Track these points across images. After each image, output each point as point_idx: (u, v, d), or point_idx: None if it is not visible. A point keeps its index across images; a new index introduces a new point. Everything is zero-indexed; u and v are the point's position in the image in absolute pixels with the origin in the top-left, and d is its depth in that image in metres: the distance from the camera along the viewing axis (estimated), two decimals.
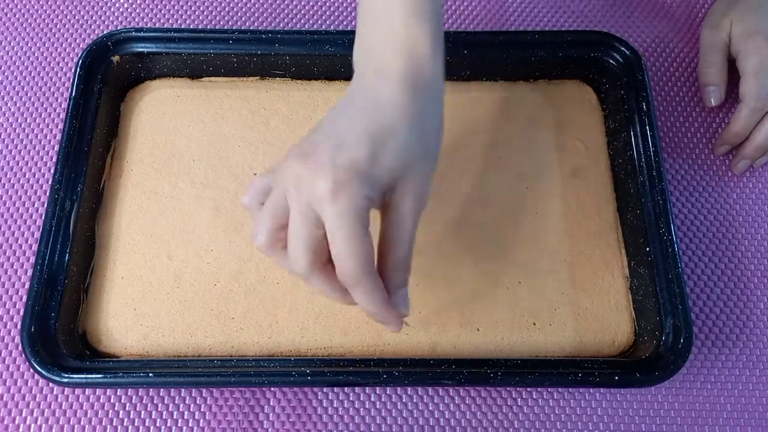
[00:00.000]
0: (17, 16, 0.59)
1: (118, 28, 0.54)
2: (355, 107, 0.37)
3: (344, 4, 0.60)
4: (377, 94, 0.36)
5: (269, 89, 0.53)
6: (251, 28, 0.59)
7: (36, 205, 0.51)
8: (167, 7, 0.60)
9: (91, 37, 0.58)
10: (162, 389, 0.46)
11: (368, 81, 0.37)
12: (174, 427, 0.45)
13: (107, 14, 0.59)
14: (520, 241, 0.48)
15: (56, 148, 0.51)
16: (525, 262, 0.48)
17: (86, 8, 0.60)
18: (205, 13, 0.60)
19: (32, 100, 0.55)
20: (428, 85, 0.37)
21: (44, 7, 0.60)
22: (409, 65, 0.36)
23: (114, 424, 0.45)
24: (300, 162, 0.34)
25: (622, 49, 0.52)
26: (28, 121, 0.54)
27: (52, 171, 0.48)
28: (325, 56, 0.51)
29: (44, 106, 0.55)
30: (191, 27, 0.59)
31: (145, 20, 0.59)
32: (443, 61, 0.38)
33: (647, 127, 0.49)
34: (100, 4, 0.60)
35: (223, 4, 0.60)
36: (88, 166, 0.48)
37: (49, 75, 0.56)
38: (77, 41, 0.58)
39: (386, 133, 0.35)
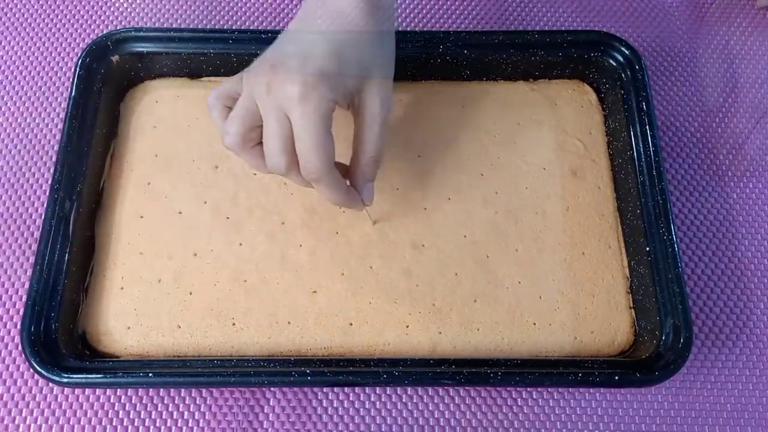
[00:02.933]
0: (17, 16, 0.59)
1: (118, 28, 0.54)
2: (319, 19, 0.41)
3: None
4: (339, 7, 0.40)
5: None
6: (251, 28, 0.59)
7: (36, 205, 0.51)
8: (167, 7, 0.60)
9: (91, 37, 0.58)
10: (162, 389, 0.46)
11: None
12: (174, 427, 0.45)
13: (107, 14, 0.59)
14: (520, 241, 0.48)
15: (56, 148, 0.51)
16: (525, 262, 0.48)
17: (86, 8, 0.60)
18: (204, 13, 0.60)
19: (32, 100, 0.55)
20: (385, 2, 0.42)
21: (44, 7, 0.60)
22: None
23: (114, 424, 0.45)
24: (270, 71, 0.38)
25: (622, 48, 0.52)
26: (27, 121, 0.54)
27: (51, 171, 0.48)
28: None
29: (44, 106, 0.55)
30: (191, 27, 0.59)
31: (144, 20, 0.59)
32: None
33: (647, 127, 0.49)
34: (100, 4, 0.60)
35: (222, 4, 0.60)
36: (88, 166, 0.48)
37: (49, 75, 0.56)
38: (77, 41, 0.58)
39: (350, 44, 0.40)
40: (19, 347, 0.44)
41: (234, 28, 0.58)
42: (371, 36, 0.41)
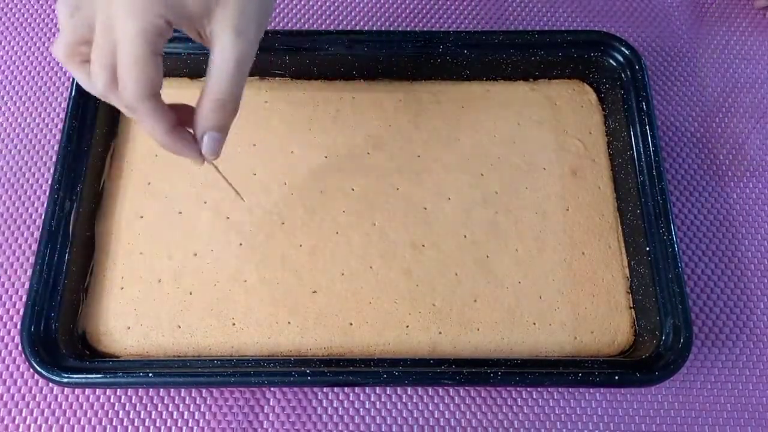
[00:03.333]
0: (17, 16, 0.59)
1: None
2: None
3: (344, 4, 0.60)
4: None
5: (269, 89, 0.53)
6: None
7: (36, 205, 0.51)
8: None
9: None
10: (162, 389, 0.46)
11: None
12: (174, 427, 0.45)
13: None
14: (520, 241, 0.48)
15: (56, 148, 0.51)
16: (525, 262, 0.48)
17: None
18: None
19: (32, 100, 0.55)
20: None
21: (44, 7, 0.60)
22: None
23: (114, 424, 0.45)
24: None
25: (622, 48, 0.52)
26: (27, 121, 0.54)
27: (52, 171, 0.48)
28: (325, 56, 0.51)
29: (44, 106, 0.55)
30: None
31: None
32: None
33: (647, 127, 0.49)
34: None
35: None
36: (88, 166, 0.48)
37: (49, 75, 0.56)
38: None
39: None
40: (19, 347, 0.44)
41: None
42: None
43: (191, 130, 0.37)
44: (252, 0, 0.35)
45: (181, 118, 0.36)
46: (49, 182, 0.47)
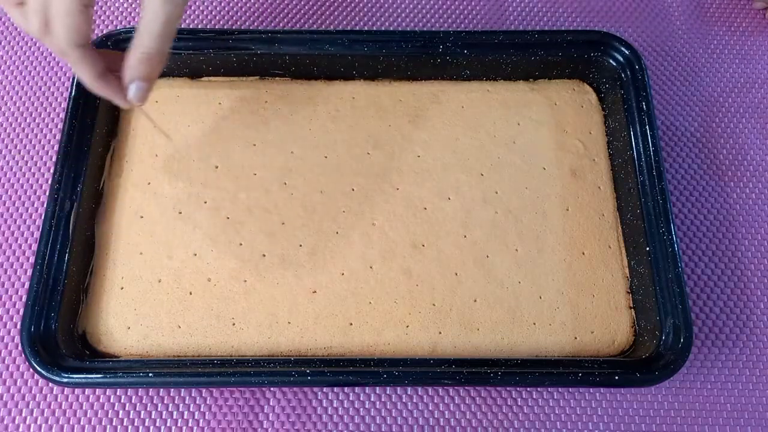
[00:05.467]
0: None
1: (118, 28, 0.54)
2: None
3: (344, 4, 0.60)
4: None
5: (269, 89, 0.53)
6: (251, 28, 0.59)
7: (36, 205, 0.51)
8: None
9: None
10: (162, 389, 0.46)
11: None
12: (174, 427, 0.45)
13: (107, 14, 0.59)
14: (520, 241, 0.48)
15: (56, 148, 0.51)
16: (525, 262, 0.48)
17: None
18: (204, 12, 0.59)
19: (32, 100, 0.55)
20: None
21: None
22: None
23: (114, 424, 0.45)
24: None
25: (622, 48, 0.52)
26: (27, 121, 0.54)
27: (52, 171, 0.48)
28: (324, 56, 0.51)
29: (44, 106, 0.55)
30: (191, 27, 0.59)
31: None
32: None
33: (647, 127, 0.49)
34: (99, 4, 0.60)
35: (222, 4, 0.60)
36: (88, 166, 0.48)
37: (49, 75, 0.56)
38: None
39: None
40: (19, 347, 0.44)
41: (234, 28, 0.58)
42: None
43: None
44: None
45: (112, 66, 0.39)
46: (49, 182, 0.47)
